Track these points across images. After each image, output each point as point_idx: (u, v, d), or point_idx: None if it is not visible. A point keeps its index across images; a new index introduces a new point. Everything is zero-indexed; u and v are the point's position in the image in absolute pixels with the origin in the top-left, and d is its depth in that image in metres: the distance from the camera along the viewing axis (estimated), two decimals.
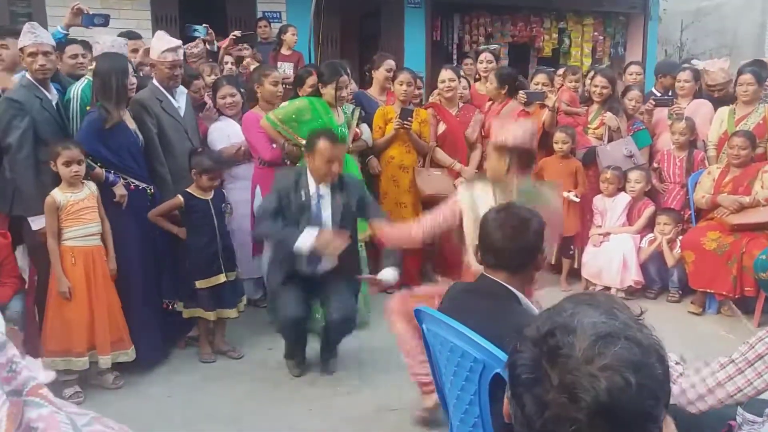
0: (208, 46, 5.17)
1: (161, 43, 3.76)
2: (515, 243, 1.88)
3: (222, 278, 3.65)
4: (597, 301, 0.93)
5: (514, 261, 1.90)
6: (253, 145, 4.15)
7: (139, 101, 3.70)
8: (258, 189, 4.17)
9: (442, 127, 4.80)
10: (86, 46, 4.12)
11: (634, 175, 4.76)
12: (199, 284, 3.60)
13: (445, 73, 4.84)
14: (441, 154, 4.76)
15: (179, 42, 3.85)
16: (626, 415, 0.82)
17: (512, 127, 2.88)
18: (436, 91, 5.18)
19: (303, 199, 3.38)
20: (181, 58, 3.84)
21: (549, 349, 0.87)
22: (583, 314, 0.90)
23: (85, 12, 3.82)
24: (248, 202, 4.18)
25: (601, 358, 0.83)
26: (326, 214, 3.42)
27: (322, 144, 3.30)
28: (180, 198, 3.61)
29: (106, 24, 4.01)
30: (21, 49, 3.35)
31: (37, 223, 3.32)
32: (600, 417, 0.81)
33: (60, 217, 3.18)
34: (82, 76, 4.05)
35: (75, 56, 4.04)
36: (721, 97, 5.09)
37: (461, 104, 4.99)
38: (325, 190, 3.42)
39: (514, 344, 0.94)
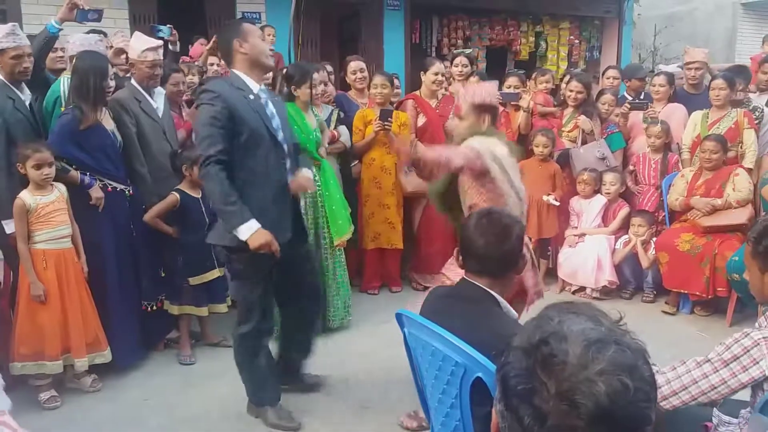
0: (170, 47, 5.11)
1: (141, 43, 3.73)
2: (499, 249, 1.90)
3: (216, 273, 3.73)
4: (579, 308, 0.95)
5: (497, 267, 1.93)
6: None
7: (119, 101, 3.66)
8: None
9: (422, 120, 4.82)
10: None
11: (609, 177, 4.84)
12: (193, 281, 3.65)
13: (438, 66, 4.86)
14: (420, 148, 4.76)
15: (159, 42, 3.82)
16: (625, 419, 0.83)
17: (484, 88, 3.10)
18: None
19: (252, 98, 2.78)
20: (161, 57, 3.80)
21: (543, 357, 0.87)
22: (571, 322, 0.90)
23: (80, 7, 3.75)
24: None
25: (596, 363, 0.84)
26: (276, 121, 2.87)
27: (247, 25, 2.86)
28: (176, 195, 3.63)
29: (99, 19, 3.93)
30: (0, 51, 3.28)
31: (10, 226, 3.26)
32: (600, 422, 0.82)
33: (30, 220, 3.12)
34: (62, 70, 4.00)
35: (55, 50, 3.98)
36: (695, 82, 5.22)
37: (440, 96, 5.01)
38: (263, 93, 2.87)
39: (502, 356, 0.93)
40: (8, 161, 3.25)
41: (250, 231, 2.65)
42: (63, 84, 3.58)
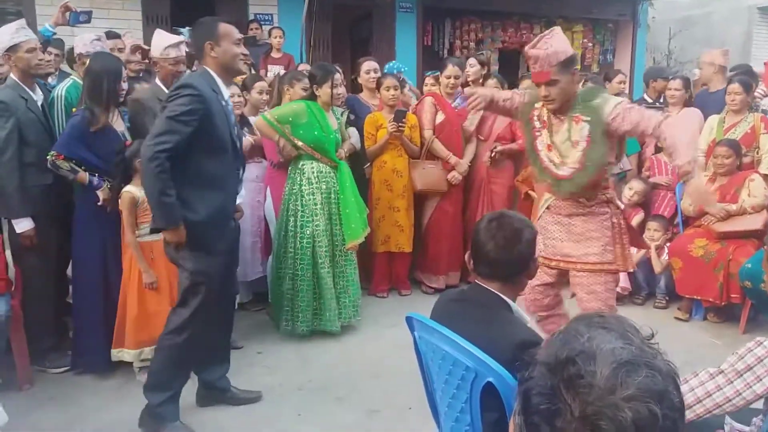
0: (188, 49, 5.16)
1: (163, 40, 3.73)
2: (507, 254, 1.88)
3: None
4: (609, 323, 0.91)
5: (506, 271, 1.91)
6: (267, 147, 4.23)
7: (139, 100, 3.67)
8: (268, 190, 4.30)
9: (440, 117, 4.80)
10: (57, 43, 4.12)
11: (636, 185, 4.78)
12: None
13: (452, 70, 4.84)
14: (438, 145, 4.76)
15: (181, 37, 3.83)
16: None
17: (556, 39, 2.89)
18: (428, 80, 5.26)
19: (224, 104, 2.83)
20: (184, 54, 3.82)
21: (569, 377, 0.83)
22: (600, 339, 0.86)
23: (73, 10, 3.83)
24: (249, 202, 4.21)
25: (625, 387, 0.80)
26: (236, 130, 2.97)
27: (224, 26, 2.80)
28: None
29: (89, 20, 4.02)
30: (13, 47, 3.31)
31: (21, 225, 3.29)
32: None
33: (137, 212, 3.30)
34: (50, 74, 4.03)
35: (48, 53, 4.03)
36: (707, 80, 5.20)
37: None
38: (229, 100, 2.92)
39: (525, 368, 0.90)
40: (21, 161, 3.28)
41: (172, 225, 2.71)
42: (60, 89, 3.61)
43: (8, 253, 3.49)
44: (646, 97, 5.66)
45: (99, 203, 3.36)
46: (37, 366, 3.47)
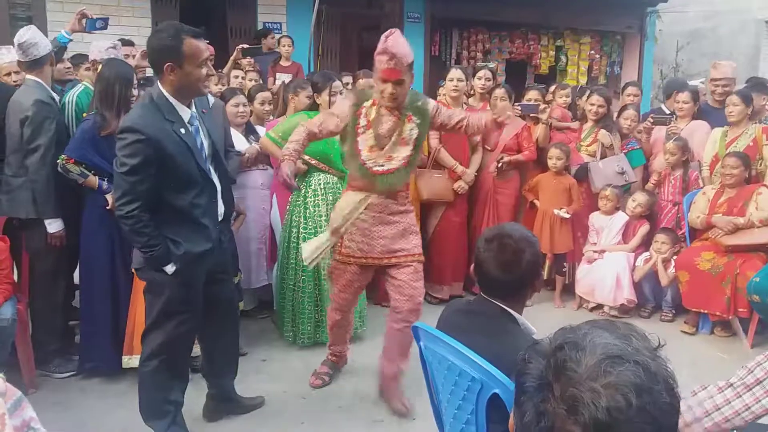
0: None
1: None
2: (508, 276, 1.88)
3: None
4: (615, 326, 0.95)
5: (508, 290, 1.91)
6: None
7: None
8: (275, 198, 4.29)
9: None
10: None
11: (639, 197, 4.77)
12: None
13: (454, 73, 4.81)
14: (444, 155, 4.75)
15: None
16: None
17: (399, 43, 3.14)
18: (441, 90, 5.23)
19: (184, 132, 2.56)
20: None
21: (556, 361, 0.89)
22: (596, 335, 0.91)
23: (90, 17, 3.87)
24: (254, 209, 4.20)
25: (606, 376, 0.85)
26: (206, 151, 2.71)
27: (189, 44, 2.48)
28: None
29: (105, 27, 4.06)
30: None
31: (53, 226, 3.35)
32: None
33: None
34: (69, 81, 4.07)
35: (62, 61, 4.12)
36: (722, 99, 5.12)
37: (465, 106, 4.98)
38: (194, 120, 2.65)
39: (523, 355, 0.96)
40: (53, 164, 3.33)
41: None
42: (72, 95, 3.67)
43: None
44: (663, 107, 5.63)
45: (108, 207, 3.39)
46: (42, 370, 3.48)
